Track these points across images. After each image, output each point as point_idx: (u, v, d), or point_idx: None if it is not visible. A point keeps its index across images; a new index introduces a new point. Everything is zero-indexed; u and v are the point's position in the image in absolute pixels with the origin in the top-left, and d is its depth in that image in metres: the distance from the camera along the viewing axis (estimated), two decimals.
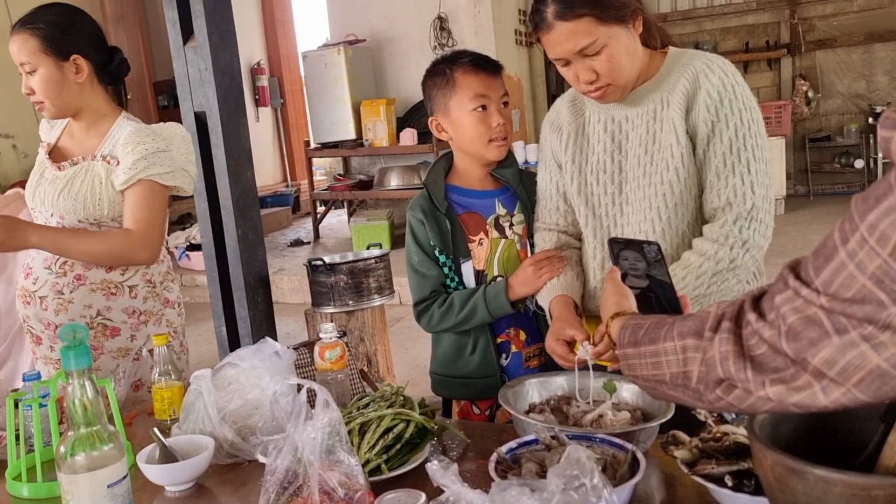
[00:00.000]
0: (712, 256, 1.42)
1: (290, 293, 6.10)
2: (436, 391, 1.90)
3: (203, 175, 3.17)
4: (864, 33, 8.30)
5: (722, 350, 0.81)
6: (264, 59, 9.37)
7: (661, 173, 1.48)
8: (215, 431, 1.35)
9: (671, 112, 1.46)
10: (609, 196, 1.56)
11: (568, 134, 1.62)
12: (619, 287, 1.24)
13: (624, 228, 1.55)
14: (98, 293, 1.92)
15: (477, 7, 7.15)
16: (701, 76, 1.44)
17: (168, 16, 3.15)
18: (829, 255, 0.72)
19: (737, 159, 1.43)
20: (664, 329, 0.92)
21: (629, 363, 0.98)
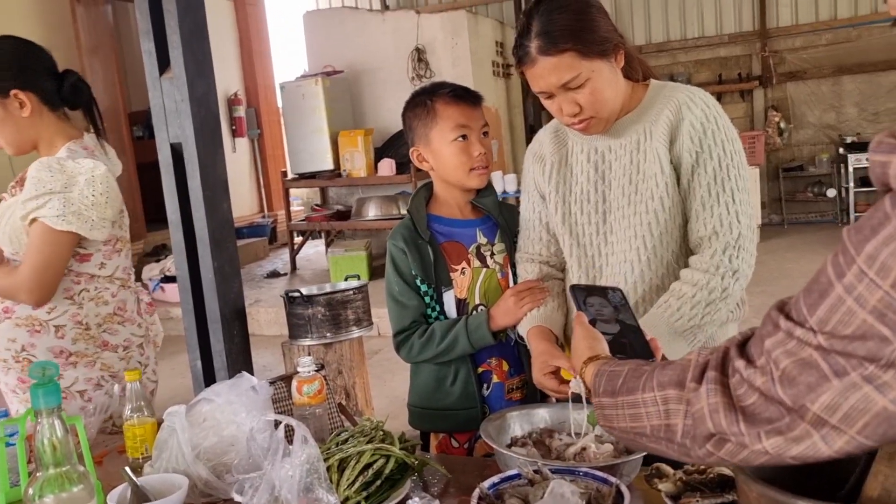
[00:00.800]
0: (704, 286, 1.42)
1: (266, 325, 6.03)
2: (414, 424, 1.87)
3: (179, 206, 3.14)
4: (832, 66, 8.52)
5: (710, 402, 0.76)
6: (241, 90, 9.37)
7: (645, 203, 1.49)
8: (189, 470, 1.31)
9: (655, 143, 1.48)
10: (593, 226, 1.57)
11: (551, 164, 1.63)
12: (589, 331, 1.19)
13: (608, 258, 1.55)
14: (22, 328, 1.88)
15: (454, 39, 7.24)
16: (684, 108, 1.46)
17: (144, 47, 3.13)
18: (823, 291, 0.68)
19: (721, 189, 1.44)
20: (643, 378, 0.88)
21: (605, 413, 0.93)
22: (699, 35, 8.97)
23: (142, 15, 2.72)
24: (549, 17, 1.42)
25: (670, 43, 9.02)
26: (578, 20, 1.41)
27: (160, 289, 6.48)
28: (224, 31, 9.19)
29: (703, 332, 1.44)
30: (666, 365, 0.86)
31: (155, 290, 6.53)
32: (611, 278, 1.55)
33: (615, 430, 0.92)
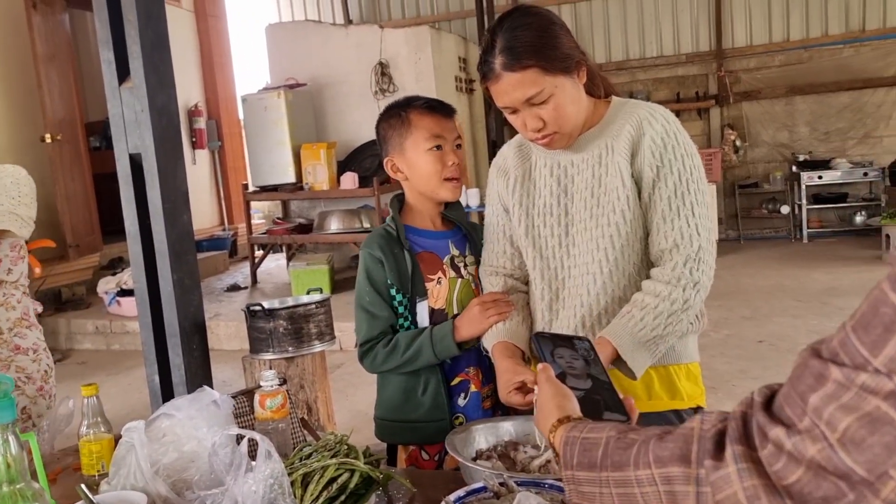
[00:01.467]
0: (667, 297, 1.43)
1: (226, 340, 5.94)
2: (381, 437, 1.85)
3: (137, 218, 3.08)
4: (785, 86, 8.76)
5: (746, 486, 0.63)
6: (202, 102, 9.27)
7: (607, 215, 1.51)
8: (148, 487, 1.28)
9: (617, 157, 1.50)
10: (556, 238, 1.58)
11: (515, 178, 1.65)
12: (557, 387, 1.06)
13: (571, 270, 1.57)
14: None
15: (418, 54, 7.27)
16: (645, 123, 1.49)
17: (103, 56, 3.08)
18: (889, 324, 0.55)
19: (681, 203, 1.47)
20: (633, 450, 0.75)
21: (582, 491, 0.80)
22: (658, 54, 9.15)
23: (101, 24, 2.68)
24: (512, 34, 1.44)
25: (630, 61, 9.19)
26: (541, 37, 1.44)
27: (116, 302, 6.34)
28: (185, 42, 9.09)
29: (664, 342, 1.45)
30: (662, 435, 0.74)
31: (111, 304, 6.39)
32: (573, 290, 1.56)
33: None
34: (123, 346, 6.23)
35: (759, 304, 5.94)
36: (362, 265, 1.78)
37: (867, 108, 8.67)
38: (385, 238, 1.77)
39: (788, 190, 8.82)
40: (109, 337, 6.32)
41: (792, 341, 4.94)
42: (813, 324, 5.32)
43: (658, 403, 1.54)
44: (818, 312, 5.58)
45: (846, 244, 8.20)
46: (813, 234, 8.60)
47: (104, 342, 6.32)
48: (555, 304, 1.59)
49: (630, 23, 9.17)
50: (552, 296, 1.60)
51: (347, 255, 7.29)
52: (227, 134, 9.63)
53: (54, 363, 2.17)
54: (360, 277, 1.78)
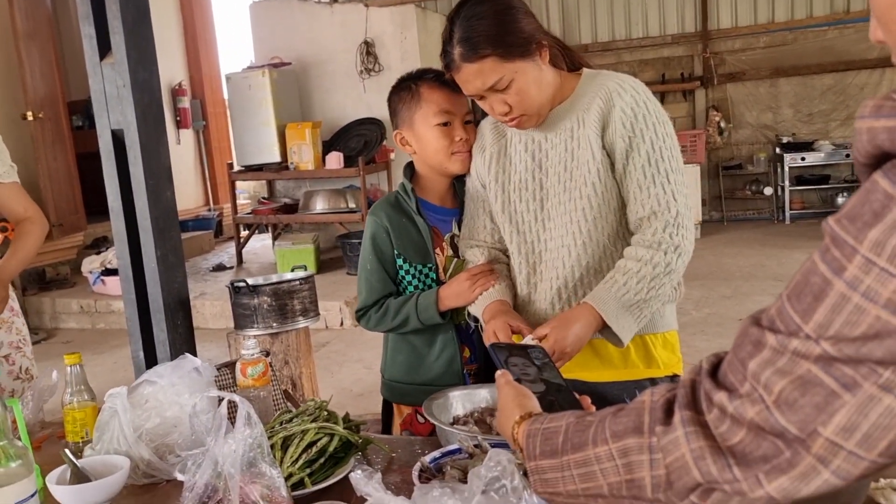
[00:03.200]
0: (649, 261, 1.45)
1: (211, 318, 5.95)
2: (389, 397, 1.89)
3: (120, 194, 3.08)
4: (770, 68, 8.80)
5: (693, 448, 0.65)
6: (186, 81, 9.19)
7: (579, 189, 1.53)
8: (131, 451, 1.30)
9: (587, 130, 1.52)
10: (532, 213, 1.61)
11: (491, 154, 1.66)
12: (517, 388, 1.07)
13: (547, 244, 1.59)
14: None
15: (403, 33, 7.24)
16: (614, 95, 1.51)
17: (84, 31, 3.06)
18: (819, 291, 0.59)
19: (656, 171, 1.48)
20: (590, 430, 0.77)
21: (546, 478, 0.81)
22: (643, 35, 9.16)
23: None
24: (468, 24, 1.46)
25: (615, 42, 9.19)
26: (498, 24, 1.45)
27: (101, 282, 6.33)
28: (168, 19, 9.00)
29: (648, 307, 1.47)
30: (616, 412, 0.76)
31: (96, 284, 6.37)
32: (549, 263, 1.59)
33: (559, 495, 0.80)
34: (109, 325, 6.23)
35: (740, 283, 6.01)
36: (368, 232, 1.80)
37: (850, 90, 8.72)
38: (393, 206, 1.78)
39: (772, 171, 8.89)
40: (94, 316, 6.31)
41: None
42: None
43: (634, 371, 1.57)
44: None
45: None
46: (795, 215, 8.68)
47: (89, 321, 6.31)
48: (532, 278, 1.62)
49: (616, 4, 9.16)
50: (529, 269, 1.62)
51: (333, 234, 7.30)
52: (212, 113, 9.56)
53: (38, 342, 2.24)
54: (364, 243, 1.80)
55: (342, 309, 5.71)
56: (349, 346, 5.24)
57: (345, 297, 5.78)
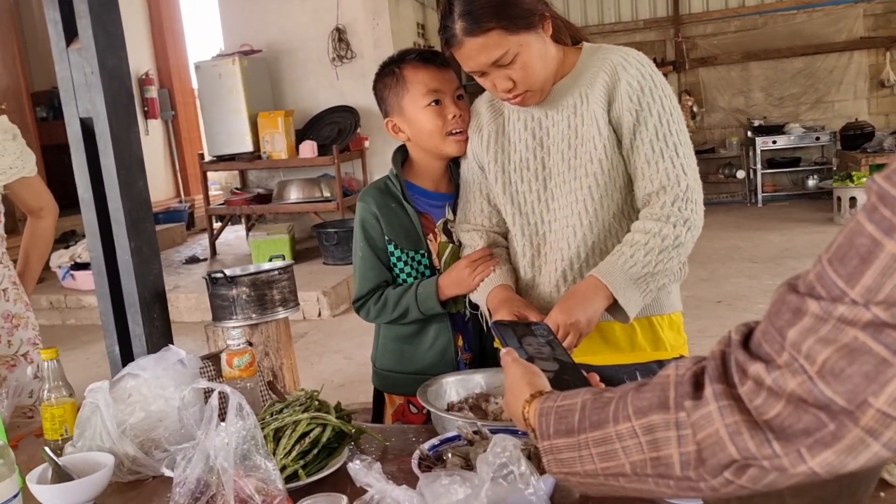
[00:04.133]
0: (657, 234, 1.41)
1: (186, 312, 5.86)
2: (381, 386, 1.85)
3: (91, 185, 2.99)
4: (741, 52, 8.86)
5: (728, 423, 0.63)
6: (153, 70, 9.02)
7: (584, 166, 1.48)
8: (115, 447, 1.25)
9: (592, 106, 1.48)
10: (534, 193, 1.55)
11: (489, 134, 1.60)
12: (524, 366, 1.02)
13: (551, 224, 1.54)
14: None
15: (375, 19, 7.15)
16: (619, 69, 1.47)
17: (49, 16, 2.96)
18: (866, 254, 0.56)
19: (664, 144, 1.45)
20: (611, 407, 0.73)
21: (560, 458, 0.78)
22: (616, 20, 9.17)
23: None
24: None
25: (588, 27, 9.18)
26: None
27: (70, 276, 6.19)
28: (133, 7, 8.80)
29: (655, 281, 1.43)
30: (638, 387, 0.73)
31: (65, 279, 6.23)
32: (554, 245, 1.54)
33: (576, 475, 0.77)
34: (80, 321, 6.10)
35: (716, 266, 6.06)
36: (358, 219, 1.75)
37: (819, 74, 8.82)
38: (382, 192, 1.73)
39: (744, 155, 8.97)
40: (65, 312, 6.18)
41: (748, 301, 5.06)
42: (768, 284, 5.45)
43: (641, 354, 1.54)
44: (773, 273, 5.72)
45: (799, 207, 8.39)
46: (767, 197, 8.77)
47: (59, 317, 6.17)
48: (537, 261, 1.57)
49: None
50: (534, 252, 1.57)
51: (308, 224, 7.21)
52: (181, 103, 9.40)
53: None
54: (355, 231, 1.76)
55: (319, 299, 5.65)
56: (328, 336, 5.19)
57: (322, 287, 5.72)
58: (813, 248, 6.48)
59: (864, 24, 8.65)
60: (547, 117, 1.54)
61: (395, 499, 0.90)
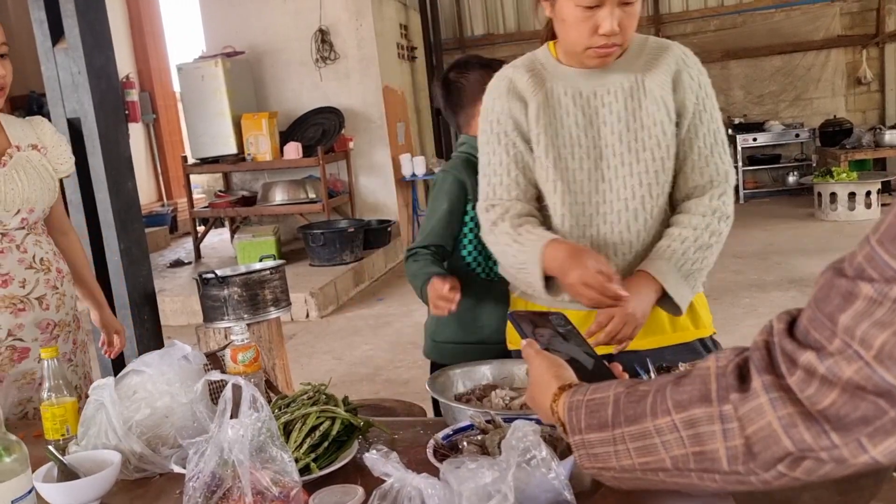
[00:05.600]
0: (705, 229, 1.45)
1: (172, 315, 5.80)
2: (437, 359, 1.91)
3: (79, 186, 2.96)
4: (721, 51, 8.94)
5: (781, 415, 0.61)
6: (134, 73, 8.92)
7: (651, 150, 1.47)
8: (121, 445, 1.23)
9: (658, 91, 1.47)
10: (585, 172, 1.50)
11: (537, 105, 1.51)
12: (549, 358, 0.99)
13: (599, 206, 1.50)
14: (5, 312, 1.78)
15: (358, 20, 7.14)
16: (681, 60, 1.49)
17: (34, 16, 2.93)
18: None
19: (714, 141, 1.50)
20: (647, 401, 0.71)
21: (594, 452, 0.76)
22: None
23: None
24: None
25: None
26: None
27: None
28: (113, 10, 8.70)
29: (701, 275, 1.47)
30: (676, 380, 0.71)
31: None
32: (605, 228, 1.50)
33: (611, 469, 0.75)
34: None
35: None
36: (445, 181, 1.83)
37: (798, 72, 8.93)
38: (467, 164, 1.81)
39: None
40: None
41: (733, 295, 5.10)
42: (753, 278, 5.50)
43: (685, 334, 1.54)
44: (757, 268, 5.77)
45: (780, 203, 8.48)
46: (749, 194, 8.86)
47: None
48: (581, 241, 1.52)
49: None
50: (579, 233, 1.52)
51: (293, 226, 7.18)
52: (162, 106, 9.31)
53: None
54: (438, 192, 1.84)
55: (307, 300, 5.62)
56: (317, 337, 5.16)
57: (309, 288, 5.69)
58: (796, 243, 6.55)
59: (841, 23, 8.77)
60: (596, 96, 1.49)
61: (416, 486, 0.89)
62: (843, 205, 7.29)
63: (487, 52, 9.28)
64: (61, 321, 1.87)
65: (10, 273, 1.77)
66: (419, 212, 7.85)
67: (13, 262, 1.78)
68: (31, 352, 1.80)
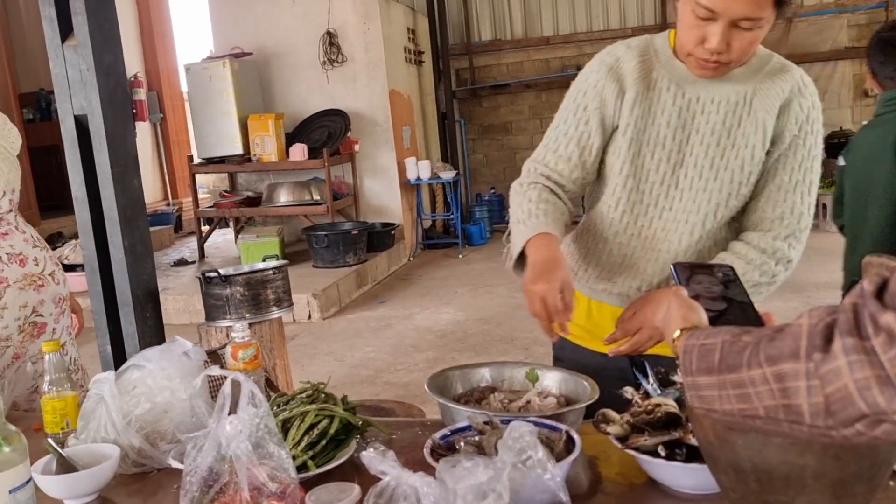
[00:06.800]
0: (758, 266, 1.39)
1: (174, 314, 5.81)
2: None
3: (85, 183, 2.96)
4: None
5: (858, 378, 0.62)
6: (142, 72, 8.97)
7: (731, 171, 1.41)
8: (120, 439, 1.24)
9: (762, 113, 1.41)
10: (660, 174, 1.45)
11: (635, 93, 1.44)
12: (684, 300, 1.03)
13: (663, 212, 1.46)
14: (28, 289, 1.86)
15: (367, 24, 7.16)
16: (798, 88, 1.42)
17: (44, 13, 2.94)
18: None
19: (801, 178, 1.42)
20: (746, 352, 0.74)
21: (703, 395, 0.80)
22: (604, 28, 9.22)
23: None
24: None
25: (577, 34, 9.24)
26: None
27: None
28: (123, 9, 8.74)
29: None
30: (772, 335, 0.73)
31: None
32: (661, 233, 1.47)
33: (716, 412, 0.79)
34: None
35: None
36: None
37: None
38: None
39: None
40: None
41: None
42: None
43: None
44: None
45: None
46: None
47: None
48: (634, 241, 1.49)
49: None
50: (635, 232, 1.48)
51: (297, 227, 7.19)
52: (169, 106, 9.35)
53: None
54: None
55: (310, 302, 5.63)
56: (318, 339, 5.17)
57: (312, 289, 5.70)
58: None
59: (849, 35, 8.77)
60: (698, 101, 1.42)
61: (411, 485, 0.89)
62: None
63: (494, 58, 9.30)
64: (66, 295, 1.96)
65: (23, 253, 1.86)
66: (423, 216, 7.86)
67: (21, 242, 1.84)
68: (47, 326, 1.90)
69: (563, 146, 1.50)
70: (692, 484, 1.05)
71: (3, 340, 1.80)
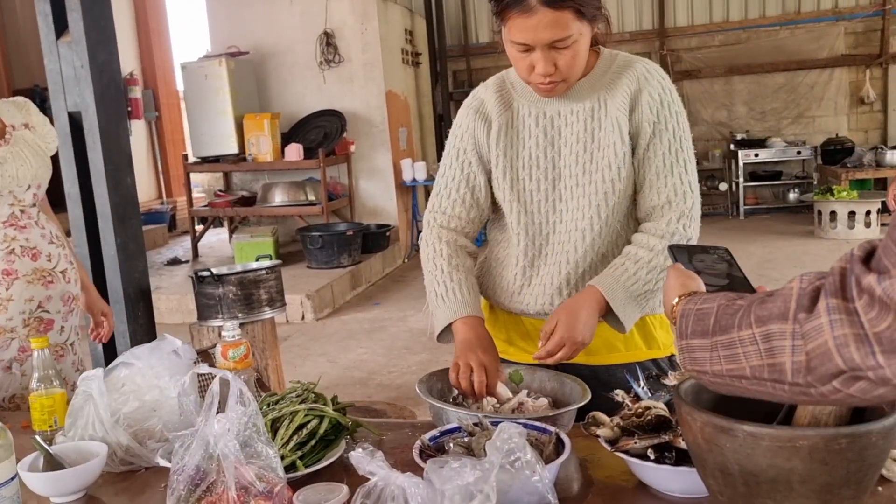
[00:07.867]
0: (661, 252, 1.43)
1: (167, 313, 5.79)
2: None
3: (78, 180, 2.96)
4: (724, 66, 8.97)
5: (837, 335, 0.64)
6: (138, 70, 8.94)
7: (601, 171, 1.47)
8: (108, 437, 1.23)
9: (615, 111, 1.47)
10: (542, 193, 1.53)
11: (499, 126, 1.54)
12: (683, 271, 1.06)
13: (556, 226, 1.52)
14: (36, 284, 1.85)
15: (364, 24, 7.16)
16: (643, 79, 1.46)
17: (39, 8, 2.94)
18: None
19: (675, 160, 1.46)
20: (738, 314, 0.77)
21: (695, 357, 0.82)
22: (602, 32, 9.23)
23: None
24: None
25: None
26: None
27: None
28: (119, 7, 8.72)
29: (654, 296, 1.45)
30: (764, 298, 0.76)
31: None
32: (558, 247, 1.53)
33: (706, 374, 0.81)
34: None
35: None
36: None
37: (801, 89, 8.95)
38: None
39: (726, 167, 9.07)
40: None
41: None
42: None
43: (637, 353, 1.53)
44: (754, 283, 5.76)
45: (780, 220, 8.49)
46: (749, 210, 8.87)
47: None
48: (537, 261, 1.55)
49: None
50: (535, 252, 1.55)
51: (292, 227, 7.18)
52: (165, 104, 9.33)
53: None
54: None
55: (303, 302, 5.62)
56: (311, 340, 5.16)
57: (305, 290, 5.69)
58: (794, 260, 6.55)
59: (846, 42, 8.80)
60: (560, 116, 1.50)
61: (399, 485, 0.89)
62: (842, 223, 7.30)
63: (492, 60, 9.30)
64: (77, 295, 1.97)
65: (38, 247, 1.86)
66: (418, 217, 7.86)
67: (37, 237, 1.88)
68: (54, 323, 1.88)
69: (454, 190, 1.60)
70: (681, 487, 1.05)
71: (7, 332, 1.81)
